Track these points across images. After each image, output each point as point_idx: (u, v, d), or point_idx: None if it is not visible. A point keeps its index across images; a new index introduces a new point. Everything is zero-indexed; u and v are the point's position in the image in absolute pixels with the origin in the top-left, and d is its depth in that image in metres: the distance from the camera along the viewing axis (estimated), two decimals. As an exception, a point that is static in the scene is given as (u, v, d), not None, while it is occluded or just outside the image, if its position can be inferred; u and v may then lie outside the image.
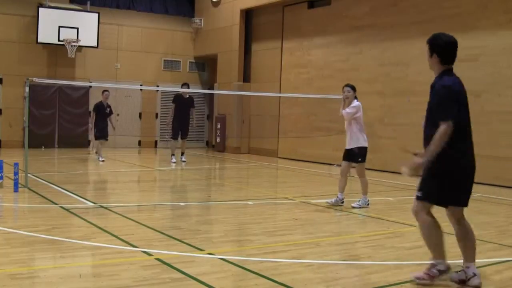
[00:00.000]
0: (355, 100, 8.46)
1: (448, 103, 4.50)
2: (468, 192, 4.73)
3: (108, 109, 14.34)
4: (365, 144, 8.49)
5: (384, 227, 7.31)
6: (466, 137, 4.73)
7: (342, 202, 8.49)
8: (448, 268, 4.69)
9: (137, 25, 20.11)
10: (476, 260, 5.46)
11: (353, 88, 8.52)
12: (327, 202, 8.47)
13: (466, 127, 4.71)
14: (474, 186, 4.66)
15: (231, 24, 19.22)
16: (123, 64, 19.73)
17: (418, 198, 4.63)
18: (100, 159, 14.19)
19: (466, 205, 4.75)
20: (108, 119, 14.35)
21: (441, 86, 4.63)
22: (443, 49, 4.78)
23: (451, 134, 4.46)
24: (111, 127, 14.46)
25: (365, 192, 8.50)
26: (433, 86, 4.78)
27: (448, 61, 4.72)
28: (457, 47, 4.70)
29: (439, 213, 4.79)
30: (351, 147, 8.44)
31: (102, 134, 14.32)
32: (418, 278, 4.64)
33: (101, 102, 14.28)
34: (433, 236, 4.69)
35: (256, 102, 18.48)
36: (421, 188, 4.61)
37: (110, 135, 15.70)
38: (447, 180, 4.56)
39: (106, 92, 14.30)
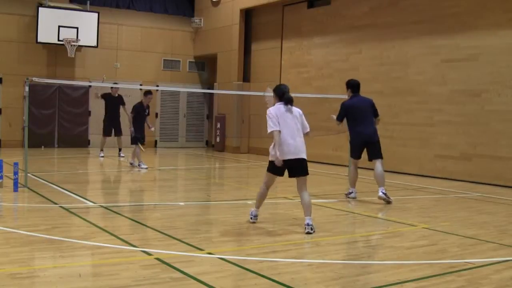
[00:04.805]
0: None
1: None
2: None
3: (147, 111, 13.34)
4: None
5: (384, 227, 7.32)
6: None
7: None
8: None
9: (137, 25, 20.11)
10: (476, 260, 5.49)
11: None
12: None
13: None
14: (474, 185, 4.79)
15: (231, 24, 19.22)
16: (122, 63, 19.73)
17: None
18: (143, 165, 13.05)
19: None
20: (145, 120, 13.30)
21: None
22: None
23: None
24: (146, 128, 13.38)
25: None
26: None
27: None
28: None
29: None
30: None
31: (142, 135, 13.12)
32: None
33: (141, 103, 13.20)
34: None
35: (256, 101, 18.45)
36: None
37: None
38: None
39: (149, 95, 13.19)
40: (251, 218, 7.06)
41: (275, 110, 6.71)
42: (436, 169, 12.80)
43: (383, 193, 8.73)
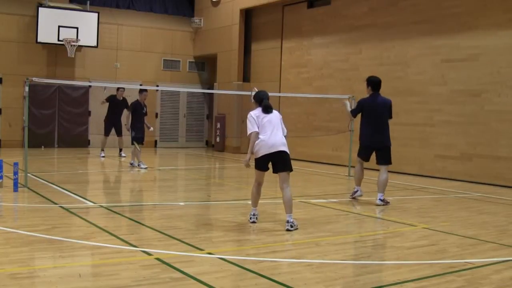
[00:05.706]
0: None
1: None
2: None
3: (145, 109, 13.24)
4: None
5: (384, 227, 7.32)
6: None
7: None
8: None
9: (137, 25, 20.11)
10: (476, 260, 5.49)
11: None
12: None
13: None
14: (474, 185, 4.79)
15: (231, 24, 19.22)
16: (122, 63, 19.73)
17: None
18: (142, 165, 13.04)
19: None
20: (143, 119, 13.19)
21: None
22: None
23: None
24: (145, 128, 13.25)
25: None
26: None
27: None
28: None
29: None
30: None
31: (142, 135, 13.06)
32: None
33: (137, 101, 13.12)
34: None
35: (256, 101, 18.46)
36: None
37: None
38: None
39: (144, 92, 13.23)
40: (250, 218, 7.06)
41: (255, 113, 7.01)
42: (436, 169, 12.80)
43: (380, 200, 8.66)
